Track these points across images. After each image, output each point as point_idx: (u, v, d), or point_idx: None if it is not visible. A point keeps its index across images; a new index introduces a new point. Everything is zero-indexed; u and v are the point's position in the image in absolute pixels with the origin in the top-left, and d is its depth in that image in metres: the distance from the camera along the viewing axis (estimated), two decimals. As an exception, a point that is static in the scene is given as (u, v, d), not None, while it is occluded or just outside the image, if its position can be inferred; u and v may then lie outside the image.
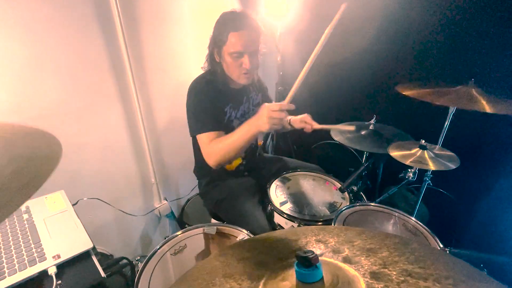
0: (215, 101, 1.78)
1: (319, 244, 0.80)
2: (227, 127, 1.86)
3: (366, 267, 0.67)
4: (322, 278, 0.62)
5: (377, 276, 0.63)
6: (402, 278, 0.61)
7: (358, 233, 0.82)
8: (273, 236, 0.94)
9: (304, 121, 1.97)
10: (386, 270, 0.65)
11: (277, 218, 1.79)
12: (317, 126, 1.92)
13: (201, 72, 1.89)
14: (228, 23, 1.66)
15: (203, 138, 1.72)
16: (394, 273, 0.63)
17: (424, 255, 0.68)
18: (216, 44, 1.72)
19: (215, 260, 0.85)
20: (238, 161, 2.06)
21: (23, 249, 1.28)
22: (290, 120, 2.02)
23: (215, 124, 1.73)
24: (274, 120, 1.45)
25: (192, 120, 1.77)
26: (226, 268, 0.78)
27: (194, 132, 1.77)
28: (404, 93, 1.84)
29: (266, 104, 1.50)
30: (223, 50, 1.69)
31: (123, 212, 2.29)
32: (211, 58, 1.81)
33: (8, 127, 0.81)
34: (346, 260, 0.71)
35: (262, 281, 0.69)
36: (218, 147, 1.66)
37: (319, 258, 0.62)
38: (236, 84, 1.87)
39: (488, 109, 1.57)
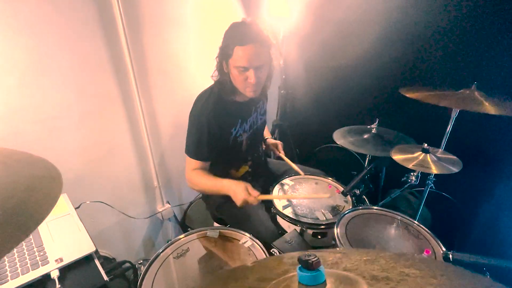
0: (219, 124, 1.78)
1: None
2: (234, 146, 1.91)
3: (366, 272, 0.67)
4: (325, 281, 0.62)
5: (377, 278, 0.64)
6: (401, 278, 0.63)
7: (351, 252, 0.83)
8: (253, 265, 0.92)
9: (276, 147, 2.27)
10: (385, 273, 0.66)
11: (280, 222, 1.79)
12: (282, 155, 2.23)
13: (204, 76, 1.88)
14: (234, 36, 1.63)
15: (189, 162, 1.84)
16: (393, 274, 0.65)
17: (418, 261, 0.70)
18: (223, 55, 1.69)
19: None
20: (245, 169, 2.06)
21: (26, 252, 1.28)
22: (267, 139, 2.33)
23: (206, 154, 1.81)
24: (246, 203, 1.61)
25: (188, 138, 1.83)
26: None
27: (186, 151, 1.85)
28: (407, 95, 1.84)
29: (248, 186, 1.64)
30: (229, 62, 1.66)
31: (126, 215, 2.29)
32: (220, 68, 1.77)
33: (11, 152, 0.81)
34: (347, 269, 0.71)
35: None
36: (195, 180, 1.83)
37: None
38: (244, 97, 1.82)
39: (492, 111, 1.57)
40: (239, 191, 1.60)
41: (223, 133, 1.82)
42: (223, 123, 1.79)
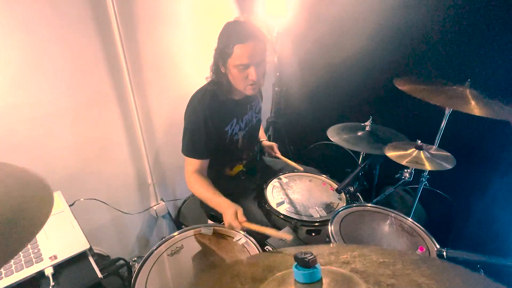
0: (215, 122, 1.76)
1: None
2: (231, 144, 1.90)
3: (372, 276, 0.64)
4: (321, 279, 0.62)
5: (381, 284, 0.61)
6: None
7: (371, 251, 0.77)
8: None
9: (271, 148, 2.32)
10: (393, 280, 0.62)
11: (274, 219, 1.79)
12: (279, 155, 2.27)
13: (199, 73, 1.87)
14: (233, 35, 1.61)
15: (188, 163, 1.81)
16: (402, 282, 0.60)
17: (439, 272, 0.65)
18: (221, 56, 1.67)
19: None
20: (239, 168, 2.06)
21: (20, 250, 1.28)
22: (262, 141, 2.35)
23: (203, 151, 1.79)
24: (231, 227, 1.54)
25: (184, 137, 1.81)
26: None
27: (183, 152, 1.81)
28: (400, 88, 1.84)
29: (238, 210, 1.55)
30: (229, 62, 1.64)
31: (120, 211, 2.28)
32: (216, 69, 1.75)
33: (2, 166, 0.79)
34: (353, 270, 0.68)
35: None
36: (193, 187, 1.78)
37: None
38: (240, 95, 1.83)
39: (479, 112, 1.60)
40: (228, 214, 1.54)
41: (219, 131, 1.80)
42: (218, 121, 1.78)
